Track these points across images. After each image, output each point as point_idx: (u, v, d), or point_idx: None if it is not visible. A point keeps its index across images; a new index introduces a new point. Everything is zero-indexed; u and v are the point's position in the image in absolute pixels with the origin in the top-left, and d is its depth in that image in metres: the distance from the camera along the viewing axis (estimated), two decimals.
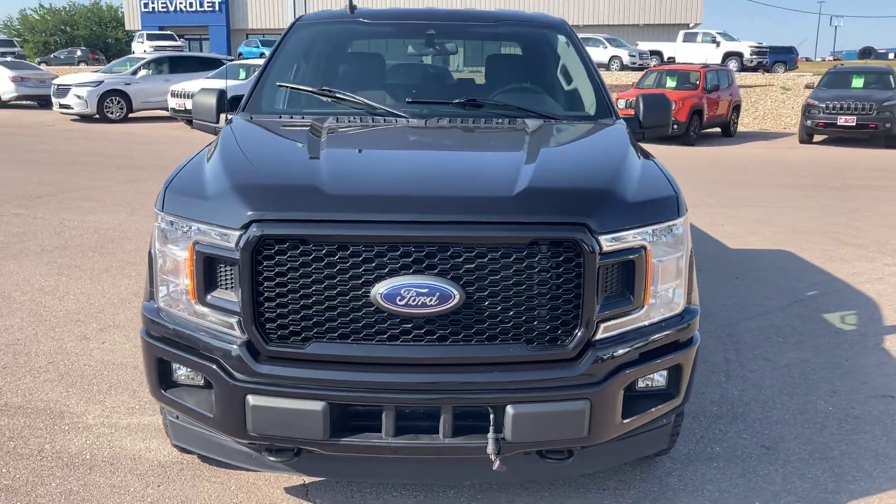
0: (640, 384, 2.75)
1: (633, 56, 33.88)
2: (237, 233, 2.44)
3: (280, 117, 3.66)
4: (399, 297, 2.39)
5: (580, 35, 4.69)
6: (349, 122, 3.50)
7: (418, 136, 3.39)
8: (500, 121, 3.53)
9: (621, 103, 18.40)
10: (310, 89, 3.82)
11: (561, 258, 2.45)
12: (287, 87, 3.93)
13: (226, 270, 2.53)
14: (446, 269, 2.41)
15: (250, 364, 2.48)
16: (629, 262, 2.56)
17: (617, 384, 2.54)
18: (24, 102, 25.13)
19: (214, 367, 2.53)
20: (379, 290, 2.39)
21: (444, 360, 2.47)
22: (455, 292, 2.40)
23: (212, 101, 3.93)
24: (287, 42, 4.24)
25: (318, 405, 2.44)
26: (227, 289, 2.53)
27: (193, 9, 49.18)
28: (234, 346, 2.50)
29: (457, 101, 3.73)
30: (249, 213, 2.46)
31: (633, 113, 4.03)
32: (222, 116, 3.87)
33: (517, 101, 3.83)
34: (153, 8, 50.08)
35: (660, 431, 2.95)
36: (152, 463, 3.33)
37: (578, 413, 2.49)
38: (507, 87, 4.11)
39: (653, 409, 2.72)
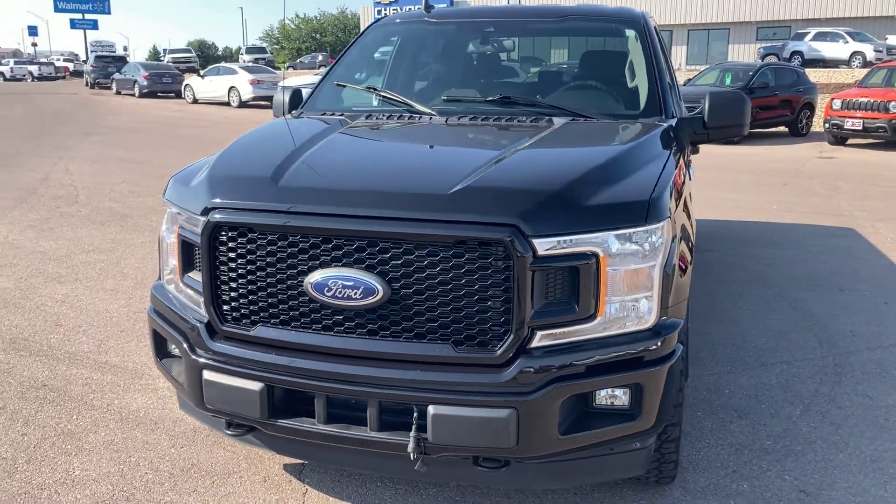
0: (601, 401, 2.57)
1: (880, 52, 30.30)
2: (201, 219, 2.65)
3: (324, 114, 3.84)
4: (327, 289, 2.45)
5: (818, 29, 4.40)
6: (377, 119, 3.59)
7: (420, 134, 3.41)
8: (523, 119, 3.43)
9: (836, 104, 16.63)
10: (358, 87, 3.97)
11: (490, 260, 2.37)
12: (343, 85, 4.10)
13: (197, 254, 2.75)
14: (373, 263, 2.44)
15: (207, 342, 2.68)
16: (574, 269, 2.41)
17: (550, 396, 2.40)
18: (261, 102, 28.01)
19: (183, 341, 2.76)
20: (310, 280, 2.48)
21: (370, 353, 2.49)
22: (379, 287, 2.41)
23: (285, 99, 4.24)
24: (357, 43, 4.42)
25: (257, 386, 2.58)
26: (198, 271, 2.75)
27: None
28: (198, 324, 2.72)
29: (490, 98, 3.69)
30: (209, 201, 2.66)
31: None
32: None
33: (556, 100, 3.69)
34: (385, 14, 53.40)
35: (631, 455, 2.72)
36: (188, 427, 3.67)
37: (502, 421, 2.39)
38: (555, 85, 3.97)
39: (607, 429, 2.53)
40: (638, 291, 2.52)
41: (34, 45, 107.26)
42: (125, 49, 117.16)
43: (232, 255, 2.61)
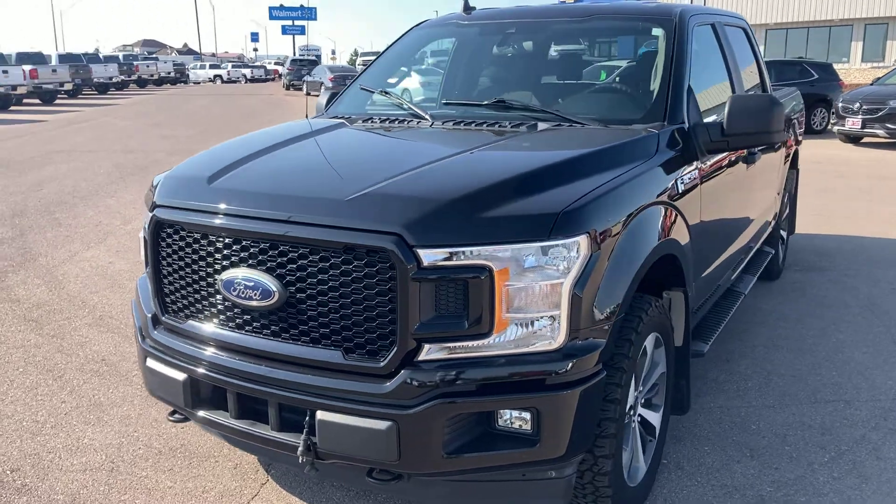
0: (504, 423, 2.44)
1: None
2: (149, 215, 2.84)
3: (335, 117, 3.92)
4: (233, 288, 2.54)
5: None
6: (368, 123, 3.61)
7: (383, 140, 3.41)
8: (505, 125, 3.32)
9: None
10: (372, 90, 4.01)
11: (376, 268, 2.33)
12: (366, 89, 4.14)
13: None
14: (272, 266, 2.48)
15: (150, 331, 2.87)
16: (465, 282, 2.30)
17: (433, 412, 2.31)
18: None
19: (138, 330, 2.97)
20: (222, 278, 2.57)
21: (270, 354, 2.54)
22: (275, 289, 2.46)
23: (322, 101, 4.39)
24: (393, 47, 4.47)
25: (181, 376, 2.72)
26: None
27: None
28: (147, 315, 2.91)
29: (485, 102, 3.59)
30: (155, 199, 2.84)
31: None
32: None
33: (556, 103, 3.51)
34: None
35: (547, 484, 2.55)
36: None
37: (383, 434, 2.34)
38: (567, 88, 3.78)
39: (502, 453, 2.40)
40: (541, 310, 2.37)
41: (255, 50, 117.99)
42: (333, 53, 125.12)
43: (168, 250, 2.77)
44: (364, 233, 2.34)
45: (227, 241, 2.58)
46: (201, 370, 2.68)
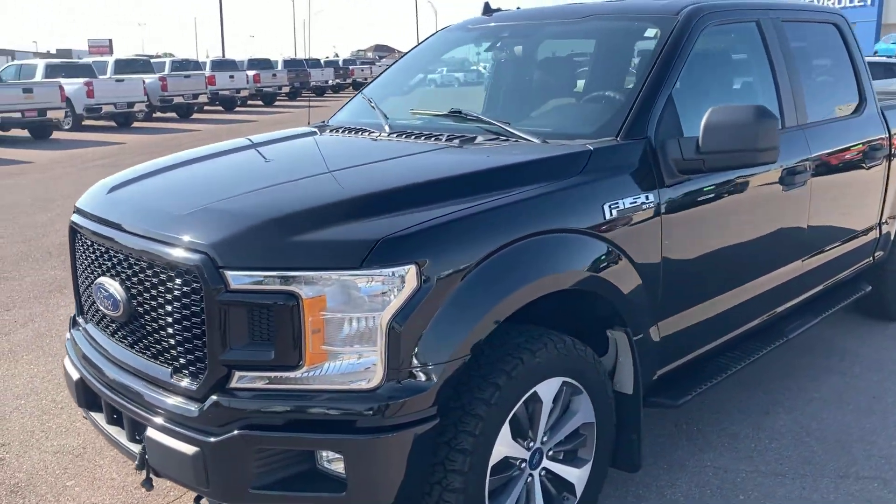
0: (324, 462, 2.27)
1: None
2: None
3: (319, 126, 3.86)
4: (98, 294, 2.59)
5: None
6: (334, 133, 3.52)
7: (306, 152, 3.30)
8: (441, 137, 3.07)
9: None
10: (364, 96, 3.89)
11: (191, 288, 2.27)
12: (367, 99, 4.02)
13: None
14: (123, 277, 2.50)
15: (70, 327, 3.02)
16: (273, 309, 2.16)
17: (236, 442, 2.20)
18: None
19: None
20: (95, 283, 2.63)
21: (121, 363, 2.57)
22: (121, 300, 2.48)
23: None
24: (409, 53, 4.31)
25: (76, 375, 2.82)
26: None
27: (842, 4, 45.80)
28: (73, 315, 3.07)
29: (445, 112, 3.34)
30: (76, 203, 2.98)
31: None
32: None
33: (517, 114, 3.18)
34: None
35: None
36: None
37: (190, 459, 2.26)
38: (531, 97, 3.40)
39: (308, 495, 2.24)
40: (357, 345, 2.17)
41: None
42: None
43: (76, 253, 2.89)
44: (181, 250, 2.28)
45: (100, 249, 2.64)
46: (86, 372, 2.76)
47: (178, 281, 2.30)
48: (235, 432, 2.20)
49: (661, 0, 3.51)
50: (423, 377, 2.20)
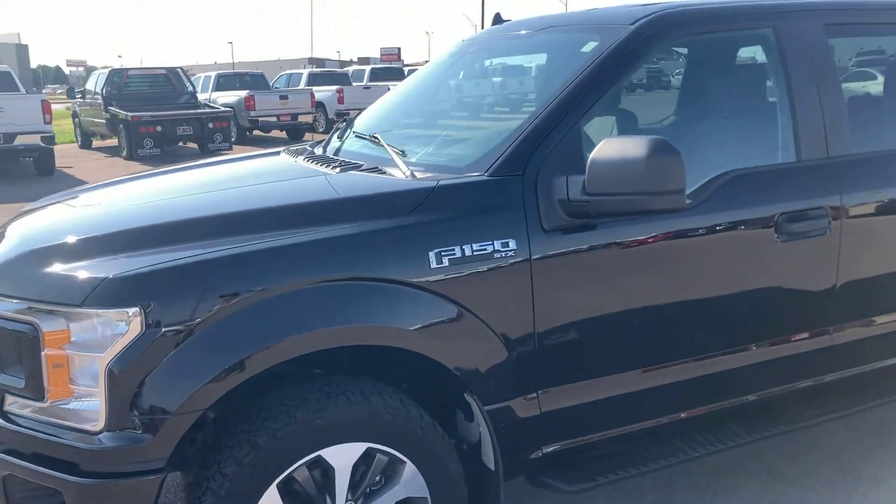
0: None
1: None
2: None
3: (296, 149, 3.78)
4: None
5: None
6: (286, 155, 3.43)
7: (199, 175, 3.24)
8: (343, 163, 2.85)
9: None
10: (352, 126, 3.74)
11: None
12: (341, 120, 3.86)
13: None
14: None
15: None
16: (19, 336, 2.19)
17: None
18: None
19: None
20: None
21: None
22: None
23: None
24: (416, 72, 4.06)
25: None
26: None
27: None
28: None
29: (367, 136, 3.08)
30: None
31: None
32: None
33: (422, 140, 2.84)
34: None
35: None
36: None
37: None
38: (447, 122, 2.97)
39: None
40: (87, 385, 2.13)
41: None
42: None
43: None
44: None
45: None
46: None
47: None
48: None
49: (638, 5, 2.94)
50: (144, 427, 2.08)
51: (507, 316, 2.41)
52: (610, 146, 2.34)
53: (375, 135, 2.97)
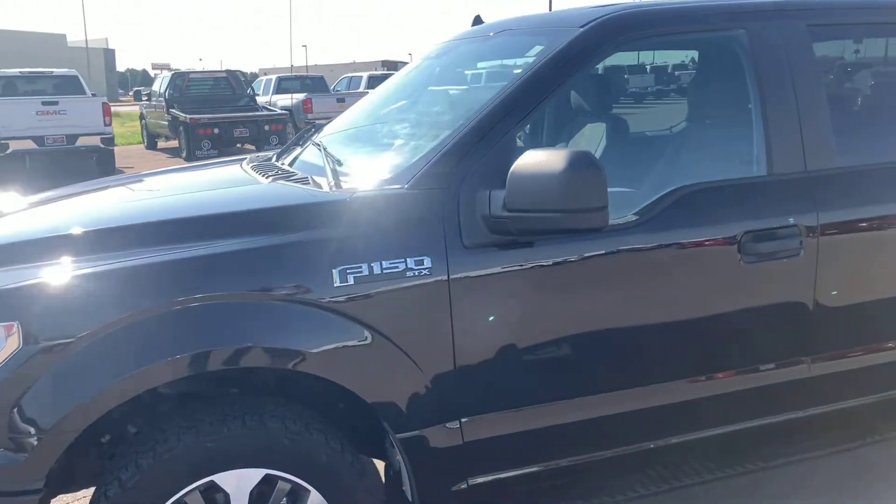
0: None
1: None
2: None
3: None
4: None
5: None
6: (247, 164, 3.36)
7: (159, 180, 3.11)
8: (278, 172, 2.75)
9: None
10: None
11: None
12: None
13: None
14: None
15: None
16: None
17: None
18: None
19: None
20: None
21: None
22: None
23: None
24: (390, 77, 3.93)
25: None
26: None
27: None
28: None
29: (316, 144, 2.95)
30: None
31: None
32: None
33: (361, 150, 2.71)
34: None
35: None
36: None
37: None
38: (389, 131, 2.81)
39: None
40: None
41: None
42: None
43: None
44: None
45: None
46: None
47: None
48: None
49: (601, 6, 2.73)
50: (18, 446, 2.02)
51: (423, 339, 2.25)
52: (531, 158, 2.17)
53: (319, 141, 2.87)
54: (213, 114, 16.92)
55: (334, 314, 2.16)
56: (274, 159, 3.13)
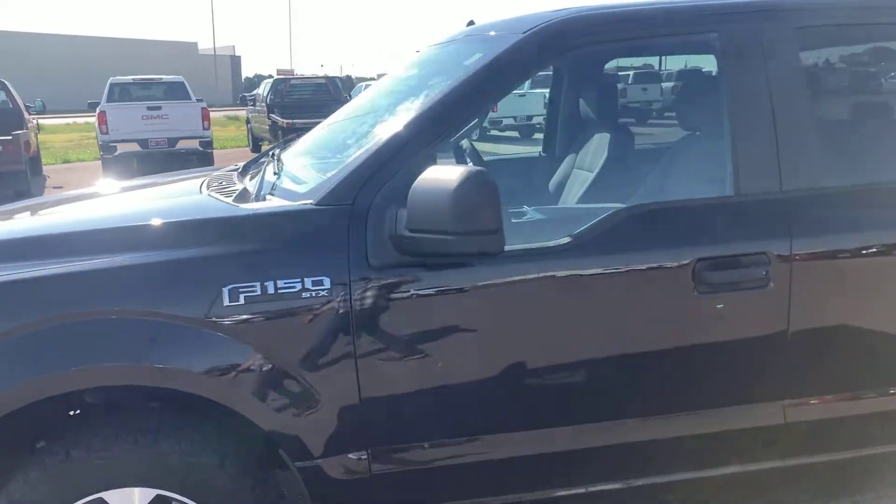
0: None
1: None
2: None
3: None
4: None
5: None
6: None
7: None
8: (218, 186, 2.69)
9: None
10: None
11: None
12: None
13: None
14: None
15: None
16: None
17: None
18: None
19: None
20: None
21: None
22: None
23: None
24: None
25: None
26: None
27: None
28: None
29: (270, 155, 2.89)
30: None
31: None
32: None
33: (315, 165, 2.63)
34: None
35: None
36: None
37: None
38: (341, 144, 2.67)
39: None
40: None
41: None
42: None
43: None
44: None
45: None
46: None
47: None
48: None
49: (553, 11, 2.52)
50: None
51: (321, 364, 2.13)
52: (431, 175, 2.01)
53: (274, 153, 2.81)
54: (307, 119, 17.36)
55: (224, 334, 2.08)
56: (240, 171, 3.09)
